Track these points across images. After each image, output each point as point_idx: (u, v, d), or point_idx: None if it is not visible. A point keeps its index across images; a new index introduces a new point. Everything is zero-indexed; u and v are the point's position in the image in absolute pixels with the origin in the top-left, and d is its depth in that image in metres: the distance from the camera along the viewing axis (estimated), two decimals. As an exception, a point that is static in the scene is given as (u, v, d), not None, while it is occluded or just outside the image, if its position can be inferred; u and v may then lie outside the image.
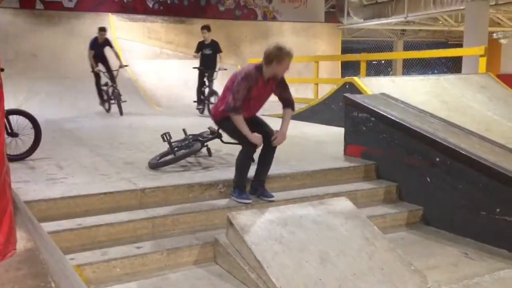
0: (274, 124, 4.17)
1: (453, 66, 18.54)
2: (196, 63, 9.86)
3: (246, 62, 15.09)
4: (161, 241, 3.50)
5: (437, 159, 4.29)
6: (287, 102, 4.06)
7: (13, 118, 4.90)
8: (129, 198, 3.79)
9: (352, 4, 17.48)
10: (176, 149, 4.82)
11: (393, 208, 4.40)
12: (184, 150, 4.87)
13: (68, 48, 12.82)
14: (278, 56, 3.77)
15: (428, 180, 4.35)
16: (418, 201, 4.46)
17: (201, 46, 9.60)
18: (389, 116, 4.82)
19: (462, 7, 14.04)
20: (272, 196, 4.04)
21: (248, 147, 3.93)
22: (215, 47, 9.58)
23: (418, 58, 18.83)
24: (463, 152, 4.12)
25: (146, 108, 11.10)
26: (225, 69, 9.34)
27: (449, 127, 4.82)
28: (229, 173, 4.29)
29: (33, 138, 5.05)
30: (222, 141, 4.78)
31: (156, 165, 4.58)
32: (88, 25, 13.41)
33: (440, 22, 19.49)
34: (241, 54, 15.54)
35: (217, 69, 9.48)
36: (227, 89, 3.96)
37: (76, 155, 5.32)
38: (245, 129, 3.82)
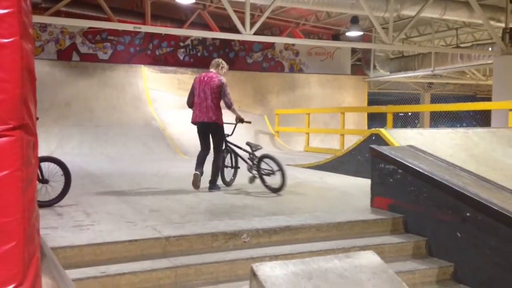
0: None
1: (482, 119, 18.34)
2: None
3: (272, 112, 15.30)
4: (183, 292, 3.44)
5: (468, 214, 4.16)
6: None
7: (44, 165, 5.03)
8: (153, 246, 3.78)
9: (378, 57, 17.72)
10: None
11: (423, 264, 4.25)
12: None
13: (101, 98, 13.29)
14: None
15: (459, 235, 4.21)
16: (448, 257, 4.29)
17: None
18: (417, 168, 4.75)
19: (490, 62, 14.07)
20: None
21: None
22: None
23: (446, 111, 18.74)
24: (495, 208, 3.99)
25: (173, 156, 11.25)
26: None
27: (479, 181, 4.70)
28: (254, 223, 4.26)
29: (63, 185, 5.15)
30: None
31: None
32: (121, 77, 13.95)
33: (468, 76, 19.52)
34: (268, 105, 15.78)
35: None
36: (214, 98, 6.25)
37: (103, 201, 5.39)
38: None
